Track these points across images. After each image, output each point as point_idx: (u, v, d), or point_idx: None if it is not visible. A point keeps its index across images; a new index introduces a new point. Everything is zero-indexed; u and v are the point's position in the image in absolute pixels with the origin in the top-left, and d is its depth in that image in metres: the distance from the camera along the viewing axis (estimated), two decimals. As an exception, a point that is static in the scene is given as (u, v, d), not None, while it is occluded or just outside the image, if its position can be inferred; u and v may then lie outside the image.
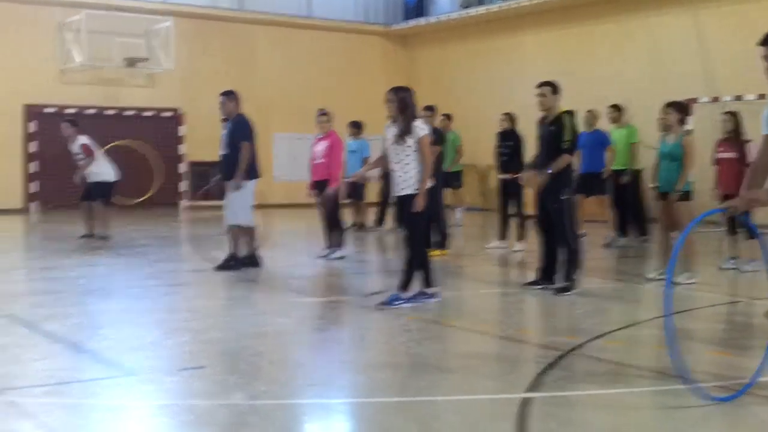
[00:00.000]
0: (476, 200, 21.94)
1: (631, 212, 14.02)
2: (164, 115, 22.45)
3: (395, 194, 8.16)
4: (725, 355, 6.52)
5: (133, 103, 21.92)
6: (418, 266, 8.05)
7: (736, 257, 10.49)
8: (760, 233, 5.63)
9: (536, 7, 21.09)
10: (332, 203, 11.95)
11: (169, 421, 4.82)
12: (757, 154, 5.24)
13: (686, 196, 9.43)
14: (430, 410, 4.96)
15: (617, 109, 14.27)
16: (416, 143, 7.89)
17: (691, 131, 9.85)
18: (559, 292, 8.67)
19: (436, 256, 11.94)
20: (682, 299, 8.70)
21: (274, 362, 6.21)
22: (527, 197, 13.07)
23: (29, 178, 21.02)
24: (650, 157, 14.54)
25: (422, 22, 24.46)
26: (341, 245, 12.01)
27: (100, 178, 13.91)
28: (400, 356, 6.34)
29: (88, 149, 13.92)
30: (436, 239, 12.37)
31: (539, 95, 8.97)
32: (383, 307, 7.88)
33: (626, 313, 8.38)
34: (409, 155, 7.90)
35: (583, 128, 12.69)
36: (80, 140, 14.00)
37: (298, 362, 6.30)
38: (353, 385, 5.62)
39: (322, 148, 11.97)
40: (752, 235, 8.66)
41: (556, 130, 8.81)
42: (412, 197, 7.91)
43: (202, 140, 21.40)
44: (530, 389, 5.25)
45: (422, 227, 8.15)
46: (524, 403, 4.95)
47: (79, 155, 14.06)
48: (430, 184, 8.02)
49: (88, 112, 20.89)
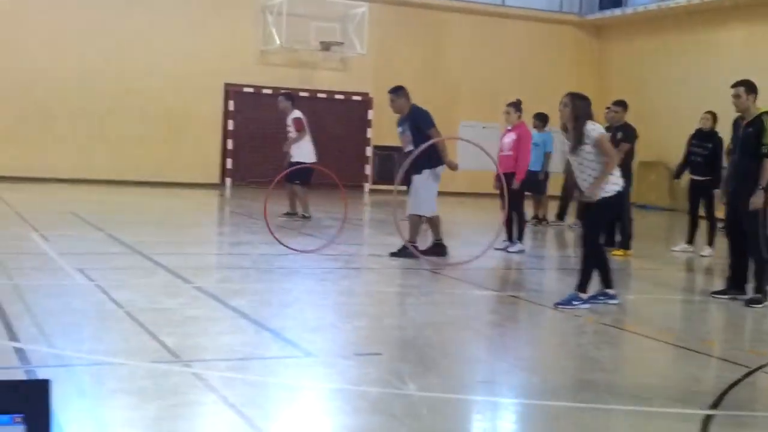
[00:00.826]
0: (664, 200, 21.20)
1: None
2: (354, 98, 22.92)
3: (582, 199, 7.96)
4: None
5: (325, 85, 22.51)
6: (594, 266, 7.86)
7: None
8: None
9: (742, 0, 20.04)
10: (517, 197, 11.85)
11: (342, 405, 4.93)
12: None
13: None
14: (602, 419, 4.85)
15: None
16: (593, 146, 7.67)
17: None
18: (749, 303, 8.25)
19: (619, 256, 11.65)
20: None
21: (447, 354, 6.24)
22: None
23: (225, 154, 22.02)
24: None
25: (617, 12, 23.78)
26: (521, 239, 11.91)
27: (301, 158, 14.11)
28: (575, 359, 6.23)
29: (299, 124, 14.13)
30: (619, 239, 12.06)
31: (733, 96, 8.51)
32: (561, 307, 7.75)
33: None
34: (591, 160, 7.69)
35: None
36: (294, 114, 14.32)
37: (471, 357, 6.31)
38: (525, 385, 5.56)
39: (510, 140, 11.87)
40: None
41: (753, 132, 8.33)
42: (601, 201, 7.70)
43: (388, 125, 21.66)
44: (713, 406, 5.03)
45: (601, 228, 7.94)
46: (706, 420, 4.75)
47: (290, 128, 14.36)
48: (620, 184, 7.79)
49: (283, 92, 21.60)
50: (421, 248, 10.37)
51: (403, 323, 7.15)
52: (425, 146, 10.03)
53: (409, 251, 10.37)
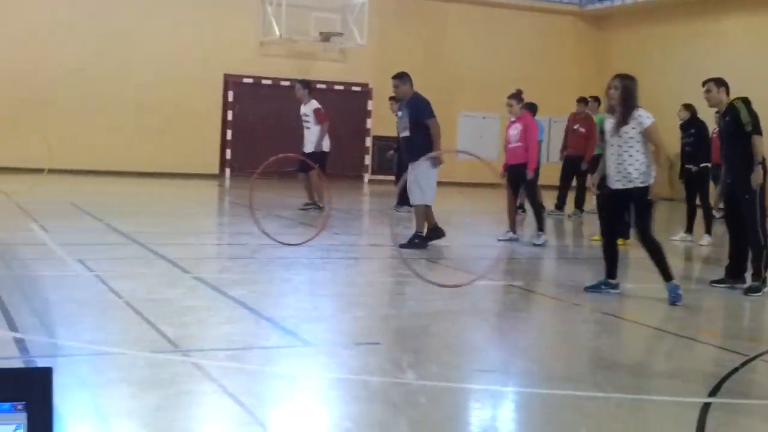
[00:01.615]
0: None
1: None
2: (354, 89, 22.89)
3: (612, 186, 7.91)
4: None
5: (325, 76, 22.47)
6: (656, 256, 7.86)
7: None
8: None
9: (744, -10, 20.02)
10: (531, 187, 11.86)
11: (342, 394, 4.94)
12: None
13: None
14: (603, 408, 4.85)
15: None
16: (640, 134, 7.67)
17: None
18: (747, 292, 8.25)
19: (619, 245, 11.63)
20: None
21: (447, 344, 6.24)
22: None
23: (225, 145, 22.00)
24: None
25: (618, 2, 23.74)
26: (543, 230, 11.80)
27: (319, 148, 14.02)
28: (576, 348, 6.24)
29: (321, 115, 13.98)
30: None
31: (705, 92, 8.80)
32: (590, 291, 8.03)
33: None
34: (632, 146, 7.68)
35: None
36: (314, 104, 14.18)
37: (471, 346, 6.31)
38: (526, 373, 5.56)
39: (516, 131, 11.83)
40: None
41: (731, 119, 8.50)
42: (635, 190, 7.68)
43: (387, 116, 21.65)
44: (711, 394, 5.03)
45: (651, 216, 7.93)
46: (705, 408, 4.75)
47: (306, 118, 14.21)
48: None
49: (283, 83, 21.61)
50: (401, 242, 10.27)
51: (402, 313, 7.16)
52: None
53: (417, 242, 10.34)
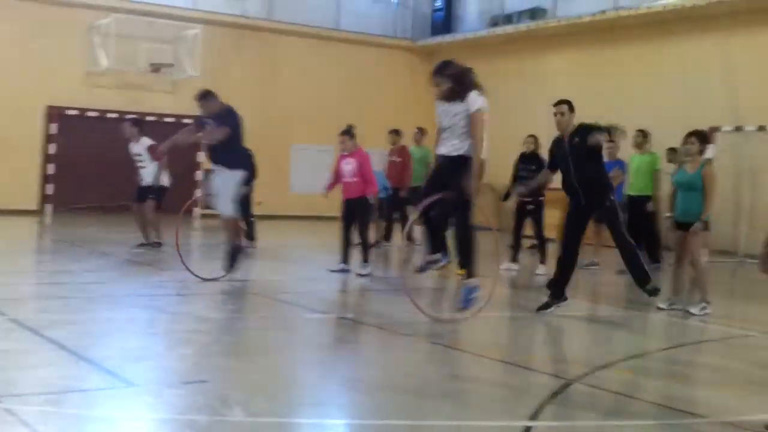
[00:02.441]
0: (492, 221, 21.82)
1: (645, 239, 13.87)
2: (185, 121, 22.46)
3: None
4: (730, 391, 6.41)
5: (155, 108, 21.99)
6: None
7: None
8: None
9: (565, 28, 21.00)
10: (365, 221, 11.95)
11: (166, 436, 4.79)
12: None
13: (705, 226, 9.27)
14: (429, 436, 4.91)
15: (643, 134, 13.93)
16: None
17: (711, 160, 9.67)
18: (540, 308, 8.95)
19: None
20: (694, 330, 8.61)
21: (276, 379, 6.17)
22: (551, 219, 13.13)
23: (46, 179, 21.13)
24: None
25: (448, 38, 24.43)
26: (368, 261, 11.89)
27: (157, 182, 13.72)
28: (405, 378, 6.28)
29: (155, 151, 13.51)
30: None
31: (558, 113, 9.05)
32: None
33: (634, 342, 8.26)
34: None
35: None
36: (146, 141, 13.80)
37: (300, 380, 6.26)
38: (355, 405, 5.57)
39: (351, 167, 11.88)
40: None
41: (580, 140, 8.85)
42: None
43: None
44: (533, 418, 5.18)
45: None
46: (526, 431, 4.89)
47: (139, 157, 13.83)
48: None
49: (110, 115, 20.99)
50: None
51: (231, 349, 7.03)
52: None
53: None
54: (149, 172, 13.75)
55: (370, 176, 11.90)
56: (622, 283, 12.68)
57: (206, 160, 10.65)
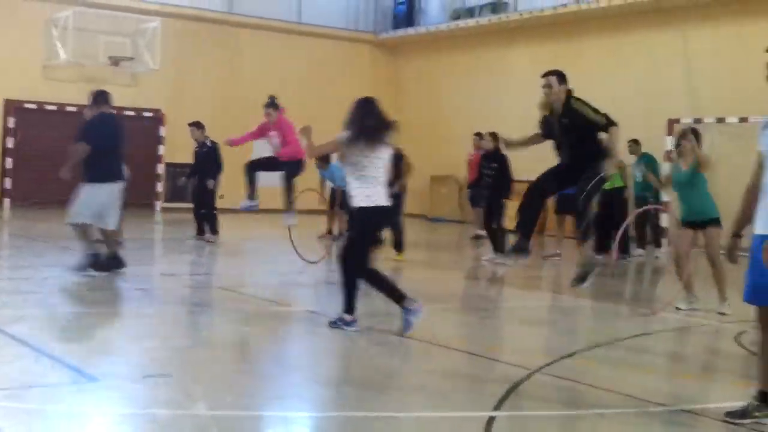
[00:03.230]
0: (455, 212, 21.92)
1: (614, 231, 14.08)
2: (146, 114, 22.32)
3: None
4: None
5: (115, 101, 21.72)
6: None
7: None
8: None
9: (527, 21, 21.10)
10: (294, 174, 12.12)
11: (129, 430, 4.76)
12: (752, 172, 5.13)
13: (718, 222, 8.95)
14: (394, 426, 4.92)
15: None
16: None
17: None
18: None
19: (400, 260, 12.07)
20: (655, 320, 8.73)
21: (240, 372, 6.16)
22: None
23: (4, 174, 20.84)
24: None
25: (411, 32, 24.45)
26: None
27: None
28: (368, 371, 6.30)
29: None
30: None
31: (545, 86, 8.05)
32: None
33: (596, 332, 8.34)
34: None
35: None
36: None
37: (263, 373, 6.24)
38: (319, 398, 5.58)
39: (277, 140, 12.17)
40: None
41: (571, 120, 7.85)
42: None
43: (181, 143, 21.32)
44: (496, 408, 5.22)
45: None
46: (488, 423, 4.92)
47: None
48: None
49: (69, 109, 20.75)
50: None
51: (194, 343, 7.00)
52: None
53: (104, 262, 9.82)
54: None
55: (291, 138, 11.88)
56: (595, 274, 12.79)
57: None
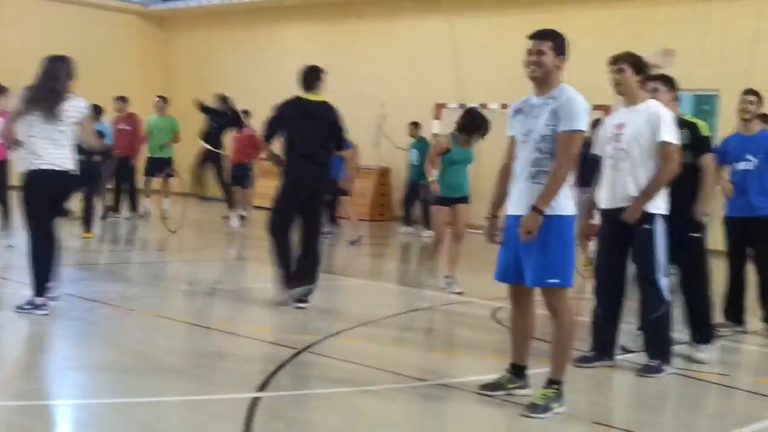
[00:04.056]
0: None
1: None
2: None
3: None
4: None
5: None
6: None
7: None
8: None
9: (299, 1, 21.10)
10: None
11: None
12: (504, 156, 5.30)
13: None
14: (155, 412, 4.79)
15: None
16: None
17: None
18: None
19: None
20: (418, 298, 9.00)
21: (-10, 360, 5.78)
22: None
23: None
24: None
25: (181, 5, 23.77)
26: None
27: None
28: (127, 354, 6.08)
29: None
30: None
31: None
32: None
33: (362, 310, 8.48)
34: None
35: None
36: None
37: (16, 360, 5.90)
38: (75, 385, 5.34)
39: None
40: None
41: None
42: None
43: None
44: (260, 389, 5.19)
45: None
46: (253, 403, 4.89)
47: None
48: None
49: None
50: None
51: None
52: None
53: None
54: None
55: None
56: (363, 253, 13.05)
57: None
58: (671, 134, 5.95)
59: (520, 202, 5.01)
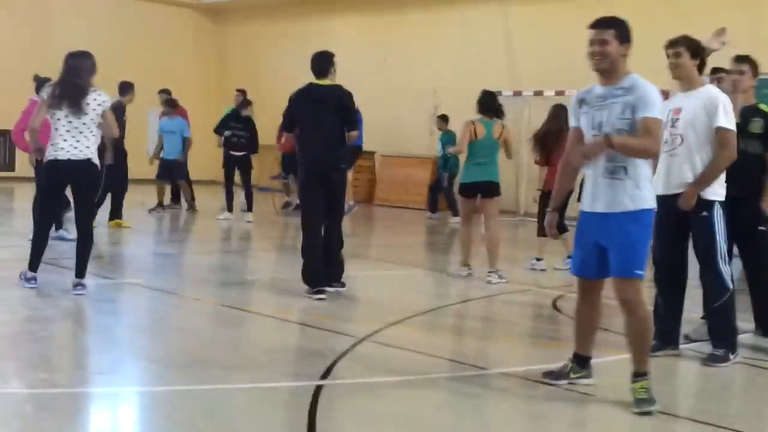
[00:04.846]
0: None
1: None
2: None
3: None
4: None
5: None
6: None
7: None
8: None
9: (352, -9, 21.16)
10: None
11: (-66, 412, 4.47)
12: (567, 147, 5.23)
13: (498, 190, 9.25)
14: (219, 399, 4.84)
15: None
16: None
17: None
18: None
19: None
20: (477, 288, 8.98)
21: (57, 348, 5.92)
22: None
23: None
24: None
25: (236, -3, 24.00)
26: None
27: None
28: (195, 344, 6.17)
29: None
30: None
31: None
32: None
33: (421, 300, 8.49)
34: None
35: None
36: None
37: (83, 348, 6.04)
38: (142, 372, 5.43)
39: None
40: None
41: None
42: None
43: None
44: (322, 377, 5.23)
45: None
46: (316, 391, 4.92)
47: None
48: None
49: None
50: None
51: (7, 318, 6.63)
52: None
53: None
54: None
55: None
56: (417, 242, 13.08)
57: None
58: (728, 120, 5.83)
59: (598, 198, 4.91)
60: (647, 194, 4.88)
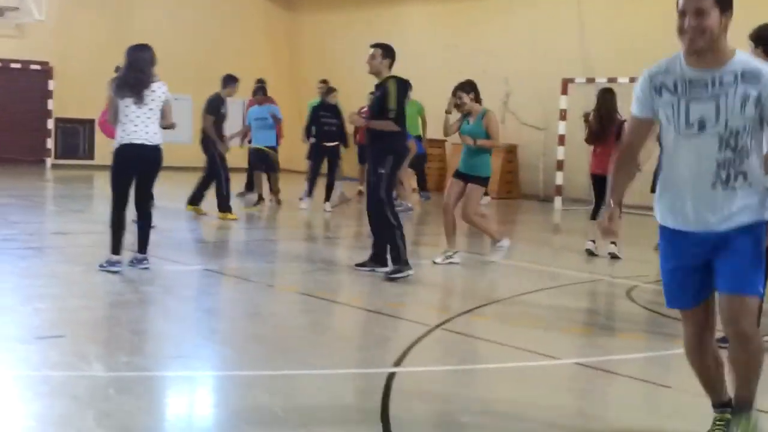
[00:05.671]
0: (350, 171, 21.91)
1: None
2: (33, 68, 21.48)
3: None
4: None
5: (0, 53, 20.89)
6: None
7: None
8: None
9: (422, -22, 21.10)
10: None
11: (20, 392, 4.64)
12: (625, 140, 4.24)
13: (484, 182, 9.32)
14: (296, 384, 4.92)
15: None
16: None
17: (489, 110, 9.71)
18: (390, 276, 8.05)
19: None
20: (546, 277, 8.92)
21: (138, 332, 6.06)
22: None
23: None
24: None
25: (308, -15, 24.13)
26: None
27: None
28: (269, 328, 6.27)
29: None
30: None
31: (370, 56, 8.52)
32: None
33: (493, 289, 8.48)
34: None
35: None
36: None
37: (163, 333, 6.16)
38: (220, 357, 5.54)
39: None
40: None
41: (380, 95, 8.35)
42: None
43: (72, 96, 20.63)
44: (396, 364, 5.27)
45: None
46: (389, 378, 4.96)
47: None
48: None
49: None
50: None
51: (90, 304, 6.82)
52: None
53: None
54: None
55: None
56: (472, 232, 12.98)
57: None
58: None
59: (706, 212, 3.75)
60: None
